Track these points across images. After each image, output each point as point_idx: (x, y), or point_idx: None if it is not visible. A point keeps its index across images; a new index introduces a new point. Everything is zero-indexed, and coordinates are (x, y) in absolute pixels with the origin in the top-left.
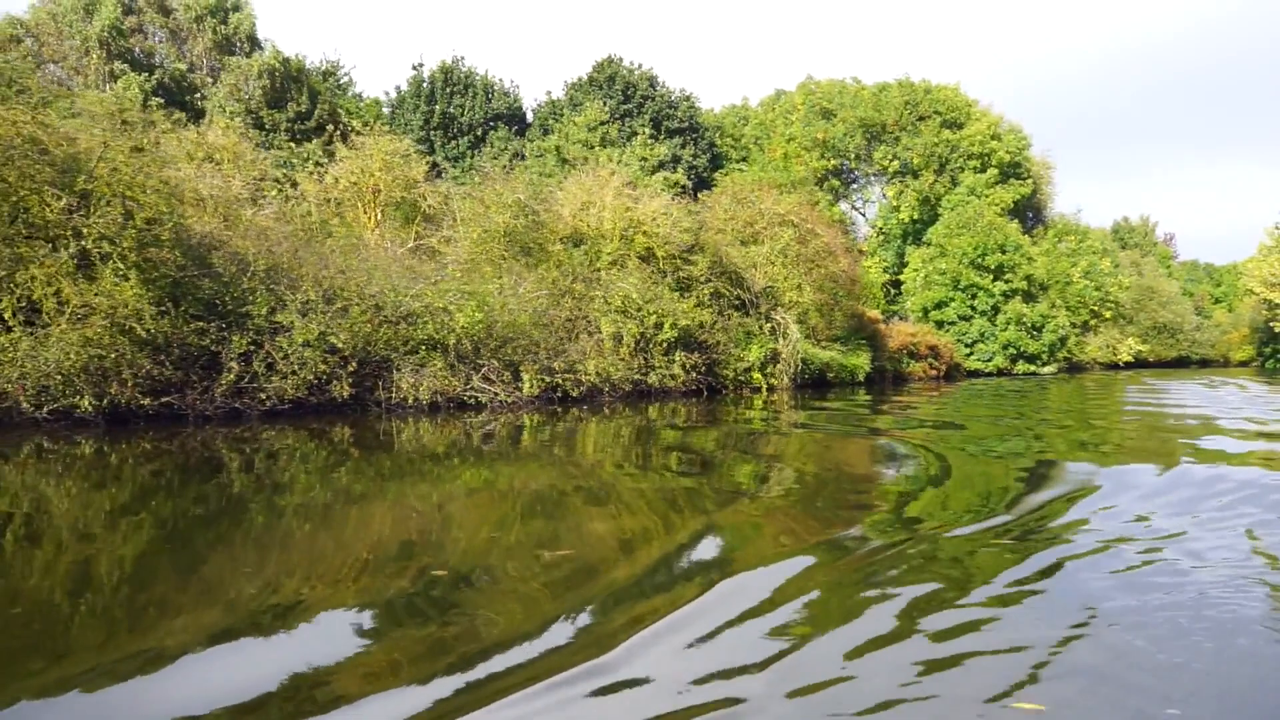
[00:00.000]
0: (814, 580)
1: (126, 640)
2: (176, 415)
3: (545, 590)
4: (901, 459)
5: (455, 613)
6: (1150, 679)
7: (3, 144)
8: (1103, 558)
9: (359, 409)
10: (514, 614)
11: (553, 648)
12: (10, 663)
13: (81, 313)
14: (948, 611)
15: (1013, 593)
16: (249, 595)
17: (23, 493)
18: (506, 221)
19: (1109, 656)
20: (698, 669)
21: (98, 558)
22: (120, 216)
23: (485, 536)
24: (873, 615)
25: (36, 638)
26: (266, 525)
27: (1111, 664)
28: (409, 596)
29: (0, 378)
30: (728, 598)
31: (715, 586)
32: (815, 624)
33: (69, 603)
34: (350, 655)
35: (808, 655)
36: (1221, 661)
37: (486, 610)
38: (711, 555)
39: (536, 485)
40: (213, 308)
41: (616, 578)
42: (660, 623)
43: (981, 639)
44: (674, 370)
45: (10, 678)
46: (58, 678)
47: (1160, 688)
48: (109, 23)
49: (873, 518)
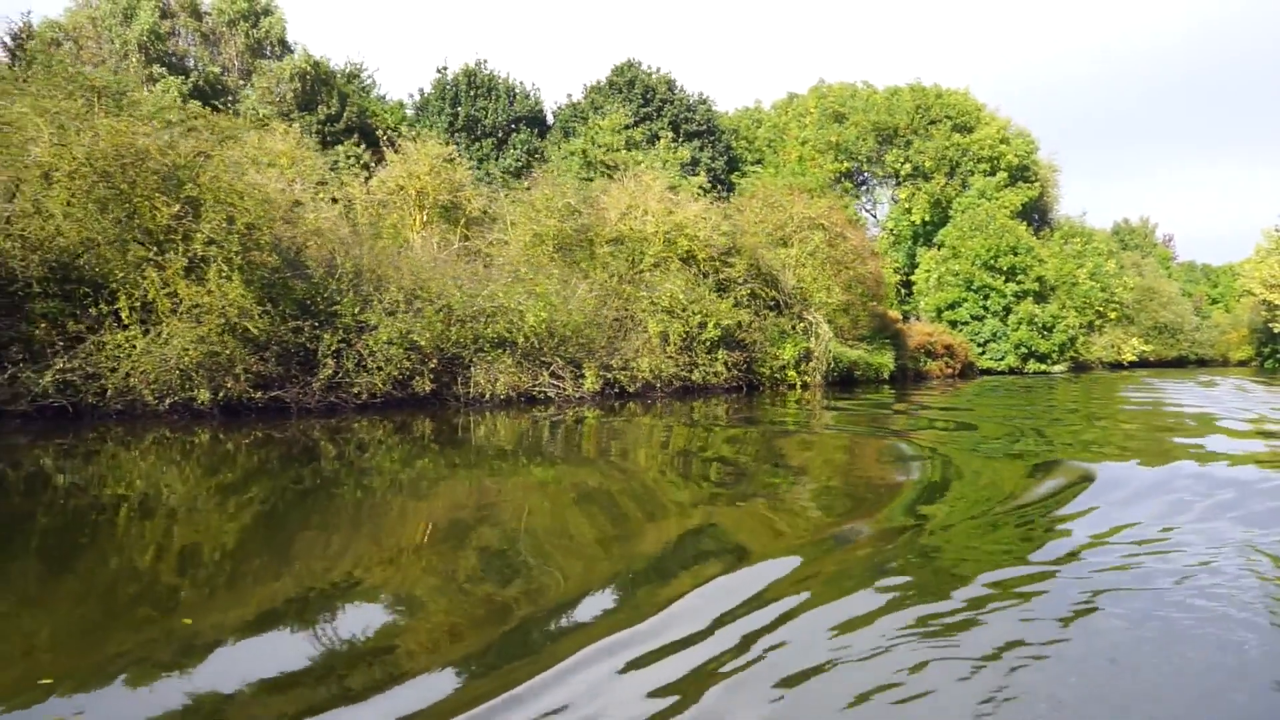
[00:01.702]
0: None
1: (225, 599)
2: (282, 408)
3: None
4: (918, 462)
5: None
6: (1141, 683)
7: (118, 154)
8: (1104, 556)
9: (439, 403)
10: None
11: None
12: (124, 615)
13: (194, 312)
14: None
15: (1024, 588)
16: (323, 567)
17: (142, 477)
18: (556, 225)
19: (1104, 659)
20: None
21: (204, 530)
22: (224, 221)
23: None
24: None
25: (147, 596)
26: (349, 506)
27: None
28: (474, 567)
29: (120, 373)
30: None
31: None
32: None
33: (178, 566)
34: (413, 620)
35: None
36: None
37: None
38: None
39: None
40: (305, 308)
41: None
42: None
43: (979, 633)
44: (717, 368)
45: (126, 629)
46: (165, 630)
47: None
48: (147, 27)
49: (884, 514)
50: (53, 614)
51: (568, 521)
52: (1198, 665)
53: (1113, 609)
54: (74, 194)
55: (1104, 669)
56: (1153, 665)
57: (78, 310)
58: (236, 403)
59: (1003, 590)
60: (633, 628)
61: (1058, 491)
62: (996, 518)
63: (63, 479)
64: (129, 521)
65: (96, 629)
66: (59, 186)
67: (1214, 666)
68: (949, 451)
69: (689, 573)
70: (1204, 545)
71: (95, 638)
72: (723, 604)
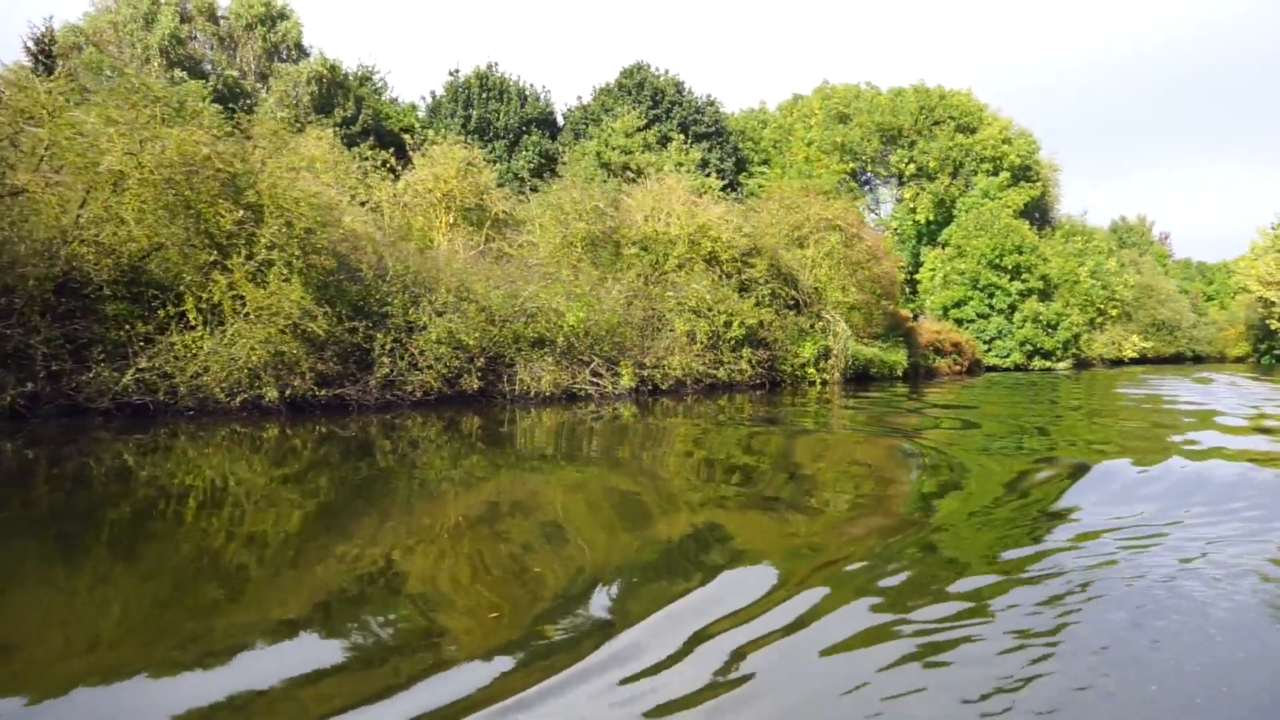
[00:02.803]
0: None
1: (290, 581)
2: (343, 404)
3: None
4: (930, 464)
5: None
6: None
7: (185, 162)
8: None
9: (486, 400)
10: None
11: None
12: (193, 594)
13: (259, 314)
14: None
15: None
16: (372, 555)
17: (214, 469)
18: (585, 227)
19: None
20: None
21: (269, 517)
22: (283, 226)
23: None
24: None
25: (217, 578)
26: (399, 498)
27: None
28: (502, 563)
29: (188, 373)
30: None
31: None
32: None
33: (247, 549)
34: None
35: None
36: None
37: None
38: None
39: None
40: (358, 308)
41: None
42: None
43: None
44: (741, 365)
45: (197, 605)
46: (237, 608)
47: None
48: (168, 31)
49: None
50: (125, 593)
51: (596, 521)
52: (1197, 666)
53: (1115, 609)
54: (144, 201)
55: (1104, 669)
56: (1152, 664)
57: (146, 312)
58: (301, 400)
59: (1005, 589)
60: (642, 622)
61: (1061, 491)
62: (1001, 519)
63: (144, 472)
64: (200, 510)
65: (165, 609)
66: (130, 194)
67: (1214, 667)
68: (958, 453)
69: (700, 570)
70: (1208, 543)
71: (163, 617)
72: (730, 604)
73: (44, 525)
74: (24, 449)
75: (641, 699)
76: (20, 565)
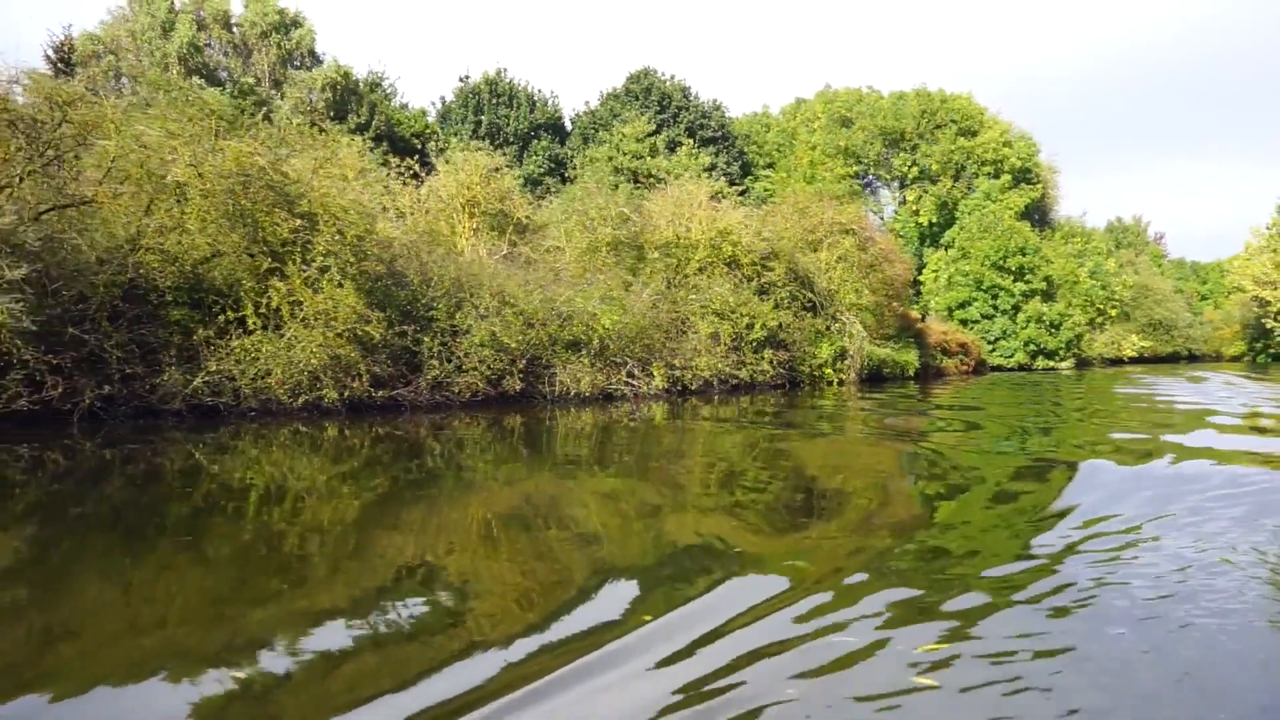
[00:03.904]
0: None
1: (354, 570)
2: (397, 405)
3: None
4: (945, 473)
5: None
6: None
7: (242, 173)
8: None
9: (528, 400)
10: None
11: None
12: (255, 584)
13: (318, 318)
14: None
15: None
16: (411, 552)
17: (274, 466)
18: (611, 232)
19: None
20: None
21: (327, 510)
22: (335, 234)
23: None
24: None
25: (274, 569)
26: (444, 494)
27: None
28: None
29: (248, 375)
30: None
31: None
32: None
33: (305, 541)
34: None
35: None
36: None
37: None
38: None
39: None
40: (406, 313)
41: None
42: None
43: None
44: (763, 366)
45: (261, 594)
46: (297, 596)
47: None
48: (186, 40)
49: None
50: (186, 582)
51: (620, 526)
52: (1196, 667)
53: (1114, 614)
54: (206, 210)
55: (1102, 671)
56: (1150, 666)
57: (206, 317)
58: (359, 401)
59: (1007, 591)
60: (657, 620)
61: (1059, 492)
62: (1002, 522)
63: (215, 468)
64: (263, 504)
65: (225, 597)
66: (193, 204)
67: (1213, 668)
68: (968, 458)
69: (705, 577)
70: (1209, 543)
71: (224, 604)
72: (738, 604)
73: (117, 518)
74: (101, 449)
75: (645, 692)
76: (93, 555)
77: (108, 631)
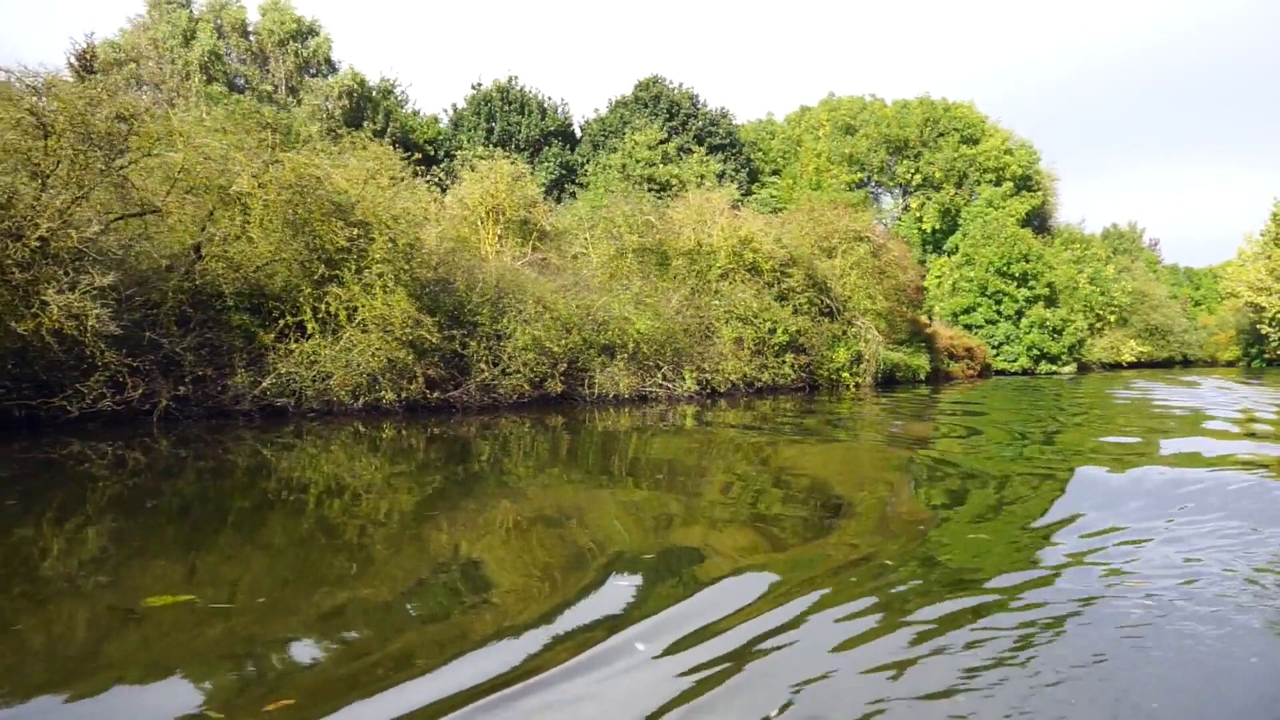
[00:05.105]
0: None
1: (397, 561)
2: (450, 406)
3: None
4: (962, 484)
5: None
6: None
7: (300, 183)
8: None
9: (569, 402)
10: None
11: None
12: (312, 574)
13: (376, 324)
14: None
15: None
16: (450, 548)
17: (334, 464)
18: (637, 240)
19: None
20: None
21: (383, 505)
22: (389, 242)
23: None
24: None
25: (329, 560)
26: (490, 493)
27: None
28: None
29: (308, 377)
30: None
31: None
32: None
33: (363, 533)
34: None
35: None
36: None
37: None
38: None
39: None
40: (454, 318)
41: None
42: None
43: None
44: (784, 370)
45: (315, 583)
46: (344, 585)
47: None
48: (208, 48)
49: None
50: (252, 570)
51: (638, 530)
52: (1190, 675)
53: (1111, 620)
54: (268, 219)
55: (1096, 682)
56: (1145, 673)
57: (266, 322)
58: (416, 402)
59: (1009, 597)
60: (661, 613)
61: (1055, 500)
62: (1003, 529)
63: (282, 464)
64: (321, 499)
65: (288, 583)
66: (255, 214)
67: (1207, 675)
68: (978, 463)
69: (707, 576)
70: (1204, 549)
71: (288, 591)
72: (736, 603)
73: (189, 510)
74: (176, 447)
75: (650, 684)
76: (167, 543)
77: (171, 618)
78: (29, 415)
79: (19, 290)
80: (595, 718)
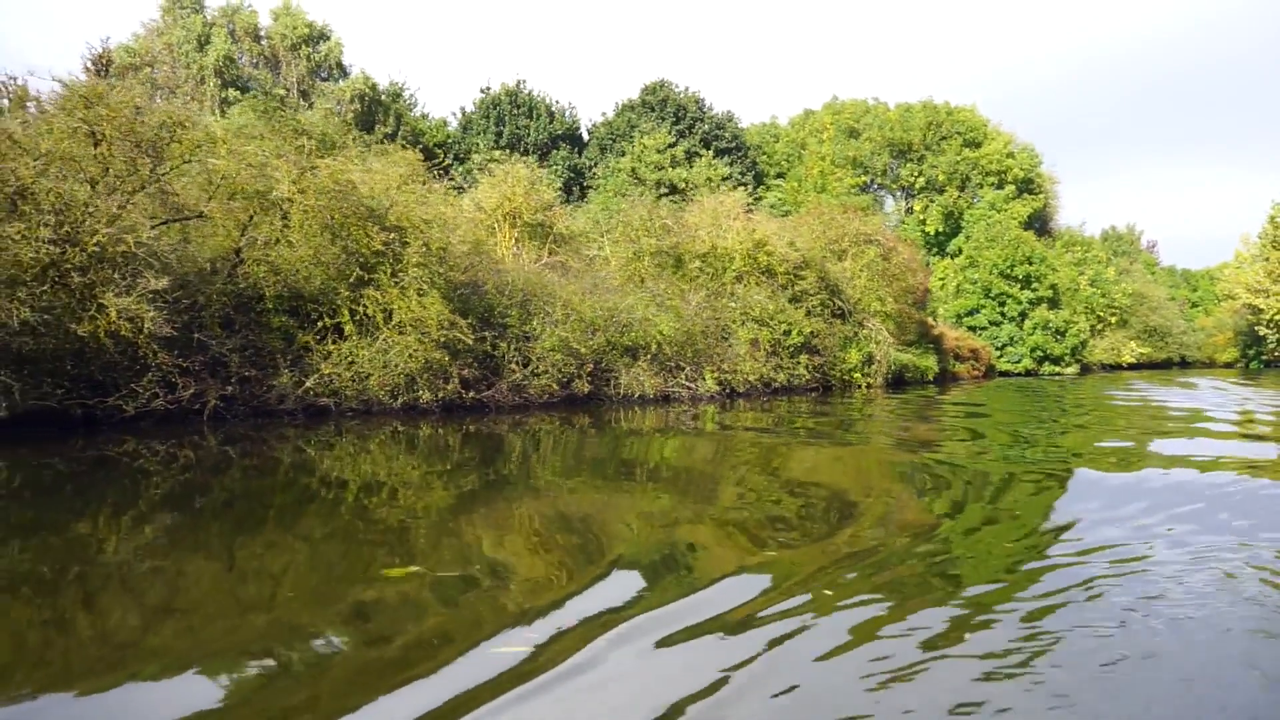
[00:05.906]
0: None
1: (424, 555)
2: (483, 405)
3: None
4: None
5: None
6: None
7: (337, 188)
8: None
9: (596, 401)
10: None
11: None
12: (362, 561)
13: (411, 325)
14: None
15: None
16: (486, 544)
17: (372, 463)
18: (654, 243)
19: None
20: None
21: (418, 503)
22: (423, 245)
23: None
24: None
25: (364, 553)
26: (519, 494)
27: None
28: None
29: (346, 377)
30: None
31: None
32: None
33: (400, 525)
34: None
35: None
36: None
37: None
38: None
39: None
40: (485, 320)
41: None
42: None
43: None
44: (799, 370)
45: (353, 574)
46: (371, 580)
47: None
48: (223, 53)
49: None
50: (291, 561)
51: (649, 531)
52: (1187, 678)
53: (1108, 622)
54: (308, 224)
55: (1093, 688)
56: (1142, 677)
57: (304, 324)
58: (452, 402)
59: (1010, 598)
60: (662, 608)
61: (1056, 501)
62: (1004, 532)
63: (324, 463)
64: (360, 494)
65: (323, 573)
66: (295, 219)
67: (1205, 679)
68: (982, 464)
69: (709, 576)
70: (1203, 553)
71: (320, 581)
72: (733, 602)
73: (234, 505)
74: (223, 445)
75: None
76: (214, 536)
77: (214, 608)
78: (86, 414)
79: (77, 294)
80: (600, 713)
